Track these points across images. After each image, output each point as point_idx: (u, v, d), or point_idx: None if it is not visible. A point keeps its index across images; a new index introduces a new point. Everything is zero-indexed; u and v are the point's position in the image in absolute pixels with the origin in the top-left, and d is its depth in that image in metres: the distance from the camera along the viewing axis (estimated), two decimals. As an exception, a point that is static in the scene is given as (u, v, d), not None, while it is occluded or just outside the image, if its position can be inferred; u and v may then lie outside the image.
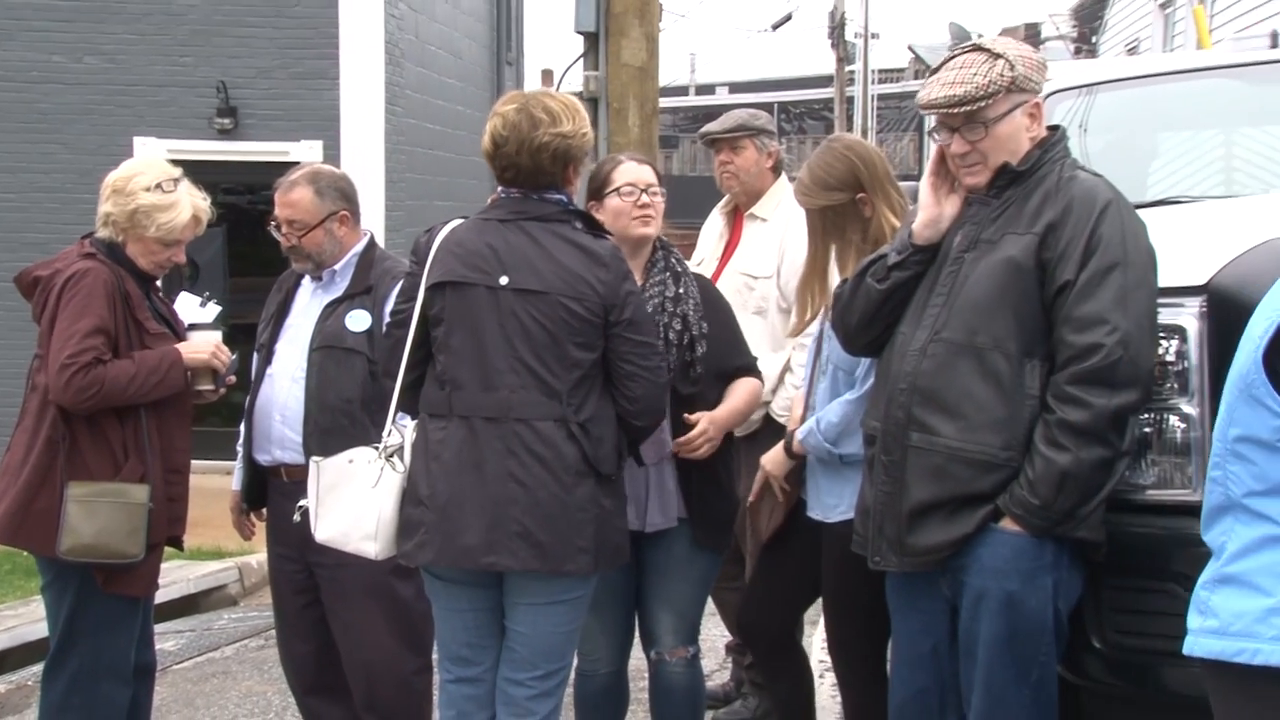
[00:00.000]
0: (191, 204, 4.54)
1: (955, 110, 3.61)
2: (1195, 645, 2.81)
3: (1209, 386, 3.66)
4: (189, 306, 4.87)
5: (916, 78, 25.78)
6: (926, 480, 3.62)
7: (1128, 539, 3.68)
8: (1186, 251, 3.83)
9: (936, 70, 3.72)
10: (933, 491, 3.61)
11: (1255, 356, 2.66)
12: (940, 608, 3.76)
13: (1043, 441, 3.53)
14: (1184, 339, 3.70)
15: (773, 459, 4.52)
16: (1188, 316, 3.70)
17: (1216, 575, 2.79)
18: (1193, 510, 3.65)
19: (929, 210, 3.70)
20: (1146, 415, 3.69)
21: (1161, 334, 3.67)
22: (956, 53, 3.73)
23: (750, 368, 4.71)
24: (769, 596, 4.71)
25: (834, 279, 4.28)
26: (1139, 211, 3.81)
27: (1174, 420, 3.74)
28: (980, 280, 3.62)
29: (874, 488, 3.75)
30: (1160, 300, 3.66)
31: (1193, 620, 2.83)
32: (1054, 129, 3.85)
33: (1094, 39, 25.89)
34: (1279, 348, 2.65)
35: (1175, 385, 3.71)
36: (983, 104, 3.60)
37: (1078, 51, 24.01)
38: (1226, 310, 3.63)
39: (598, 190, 4.63)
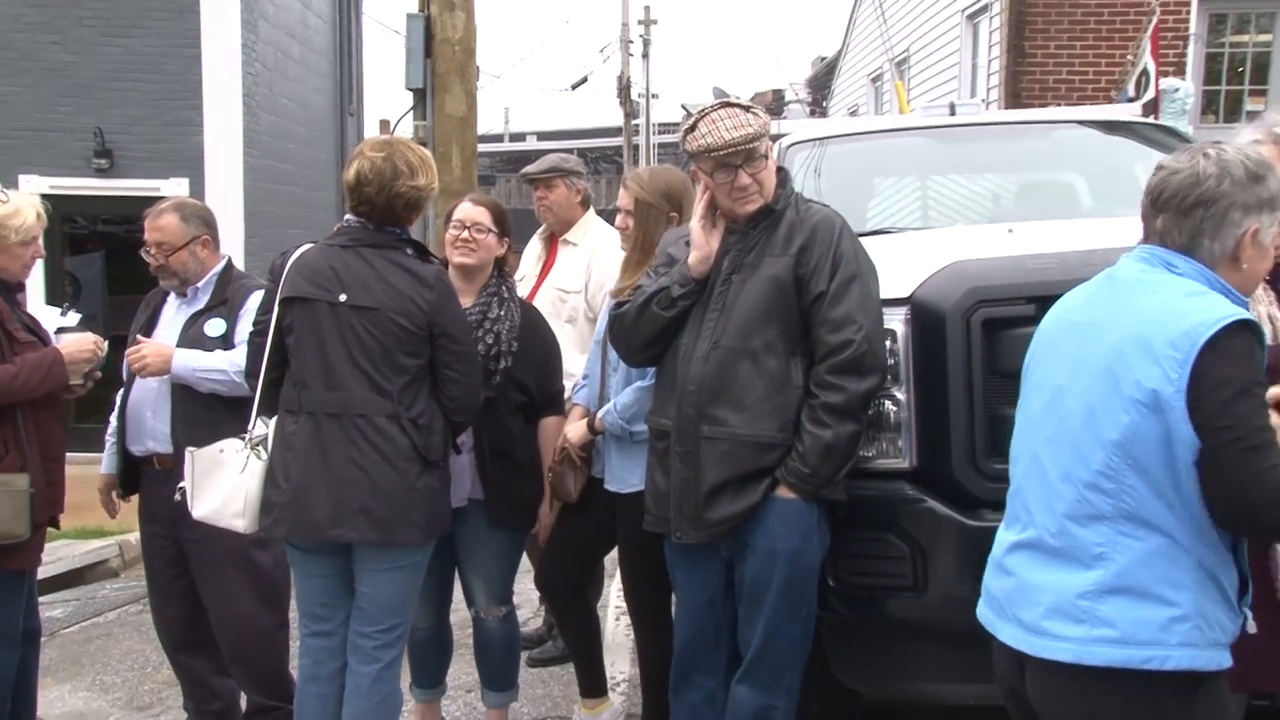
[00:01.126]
0: (30, 204, 4.41)
1: (744, 148, 3.65)
2: (1090, 654, 2.54)
3: (913, 377, 3.80)
4: (51, 316, 4.74)
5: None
6: (719, 464, 3.65)
7: (856, 499, 3.75)
8: (895, 271, 3.91)
9: (697, 124, 3.71)
10: (725, 472, 3.65)
11: (1179, 385, 2.46)
12: (717, 567, 3.81)
13: (809, 421, 3.60)
14: (894, 339, 3.80)
15: (575, 431, 4.51)
16: (897, 322, 3.81)
17: (1103, 586, 2.55)
18: (902, 475, 3.83)
19: (702, 249, 3.72)
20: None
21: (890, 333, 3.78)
22: (712, 109, 3.74)
23: (555, 399, 4.73)
24: (565, 554, 4.73)
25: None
26: (865, 239, 3.91)
27: (889, 404, 3.82)
28: (750, 296, 3.68)
29: (669, 475, 3.77)
30: None
31: (1073, 630, 2.56)
32: (781, 170, 3.93)
33: (825, 103, 26.49)
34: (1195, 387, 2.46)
35: (890, 376, 3.78)
36: (759, 142, 3.68)
37: (812, 113, 24.41)
38: (924, 317, 3.79)
39: (447, 219, 4.66)
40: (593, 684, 4.96)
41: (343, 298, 3.89)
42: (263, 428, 4.01)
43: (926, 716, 5.02)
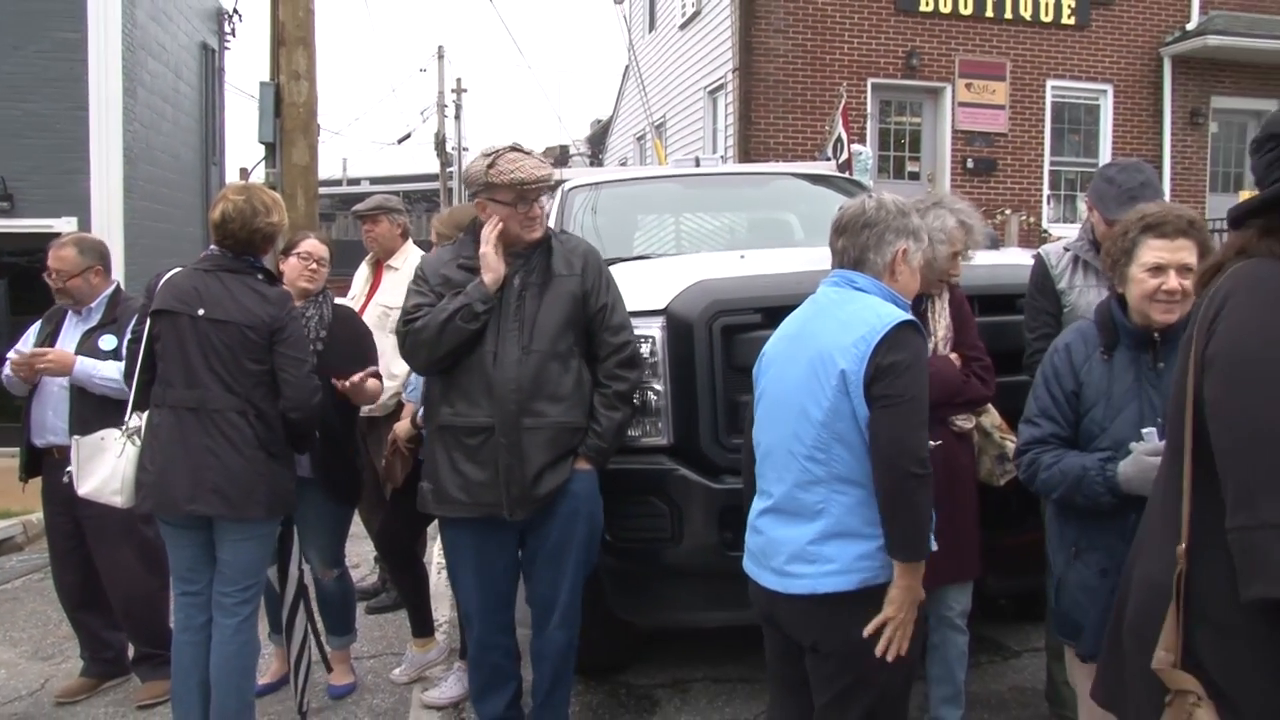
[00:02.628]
0: None
1: (545, 185, 3.56)
2: (822, 585, 2.63)
3: (669, 372, 3.74)
4: None
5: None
6: (543, 448, 3.47)
7: (628, 472, 3.71)
8: (654, 288, 3.87)
9: (495, 161, 3.48)
10: (548, 455, 3.48)
11: (860, 369, 2.59)
12: (514, 540, 3.62)
13: (604, 407, 3.54)
14: (655, 343, 3.75)
15: (402, 427, 4.42)
16: (656, 329, 3.76)
17: (825, 533, 2.64)
18: (662, 450, 3.76)
19: (496, 270, 3.51)
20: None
21: (642, 339, 3.71)
22: (505, 150, 3.54)
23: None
24: (399, 523, 4.58)
25: None
26: (629, 263, 3.87)
27: (651, 394, 3.76)
28: (550, 309, 3.52)
29: (489, 465, 3.48)
30: (639, 318, 3.72)
31: (808, 569, 2.65)
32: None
33: (601, 157, 26.50)
34: (870, 370, 2.59)
35: (652, 372, 3.74)
36: (551, 181, 3.62)
37: (591, 163, 24.48)
38: (676, 324, 3.75)
39: (288, 249, 4.49)
40: (422, 626, 4.86)
41: (201, 312, 3.70)
42: (137, 420, 3.79)
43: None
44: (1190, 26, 14.94)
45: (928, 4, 13.97)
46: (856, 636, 2.64)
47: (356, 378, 4.20)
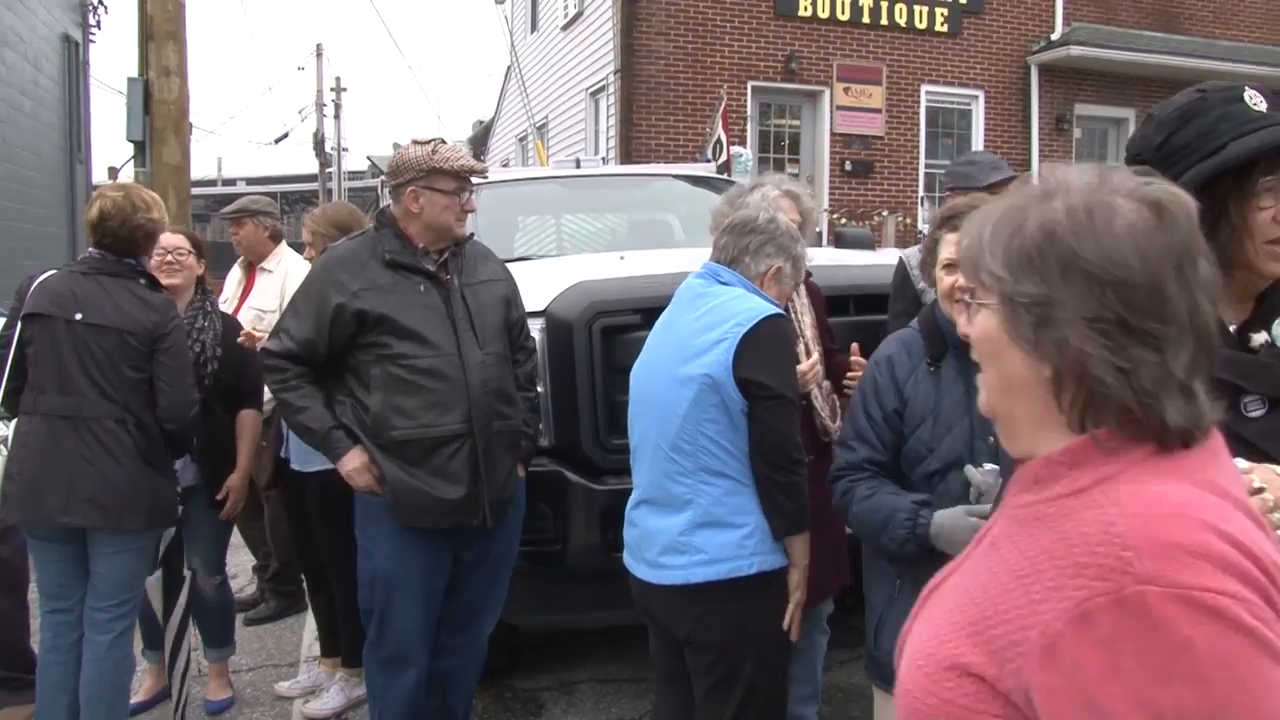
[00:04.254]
0: None
1: (485, 176, 3.56)
2: (693, 575, 2.63)
3: (550, 373, 3.74)
4: None
5: (374, 177, 25.43)
6: (507, 451, 3.41)
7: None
8: (535, 289, 3.86)
9: (436, 149, 3.33)
10: (513, 458, 3.44)
11: (728, 362, 2.59)
12: (451, 552, 3.46)
13: (530, 411, 3.54)
14: (535, 345, 3.73)
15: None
16: (536, 331, 3.75)
17: (694, 523, 2.65)
18: (543, 452, 3.75)
19: (369, 482, 3.34)
20: None
21: (529, 340, 3.68)
22: (438, 140, 3.42)
23: (253, 395, 4.35)
24: (305, 533, 4.44)
25: None
26: (511, 264, 3.87)
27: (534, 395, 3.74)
28: (490, 310, 3.43)
29: (463, 474, 3.29)
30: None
31: (679, 560, 2.66)
32: None
33: (483, 158, 26.29)
34: (739, 364, 2.60)
35: (538, 373, 3.73)
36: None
37: (472, 166, 24.31)
38: (556, 326, 3.75)
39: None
40: (337, 645, 4.61)
41: (79, 316, 3.54)
42: (3, 429, 3.68)
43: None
44: (1055, 37, 15.53)
45: (806, 9, 14.23)
46: (728, 626, 2.67)
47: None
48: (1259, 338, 1.73)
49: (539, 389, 3.73)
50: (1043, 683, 1.00)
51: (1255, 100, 1.72)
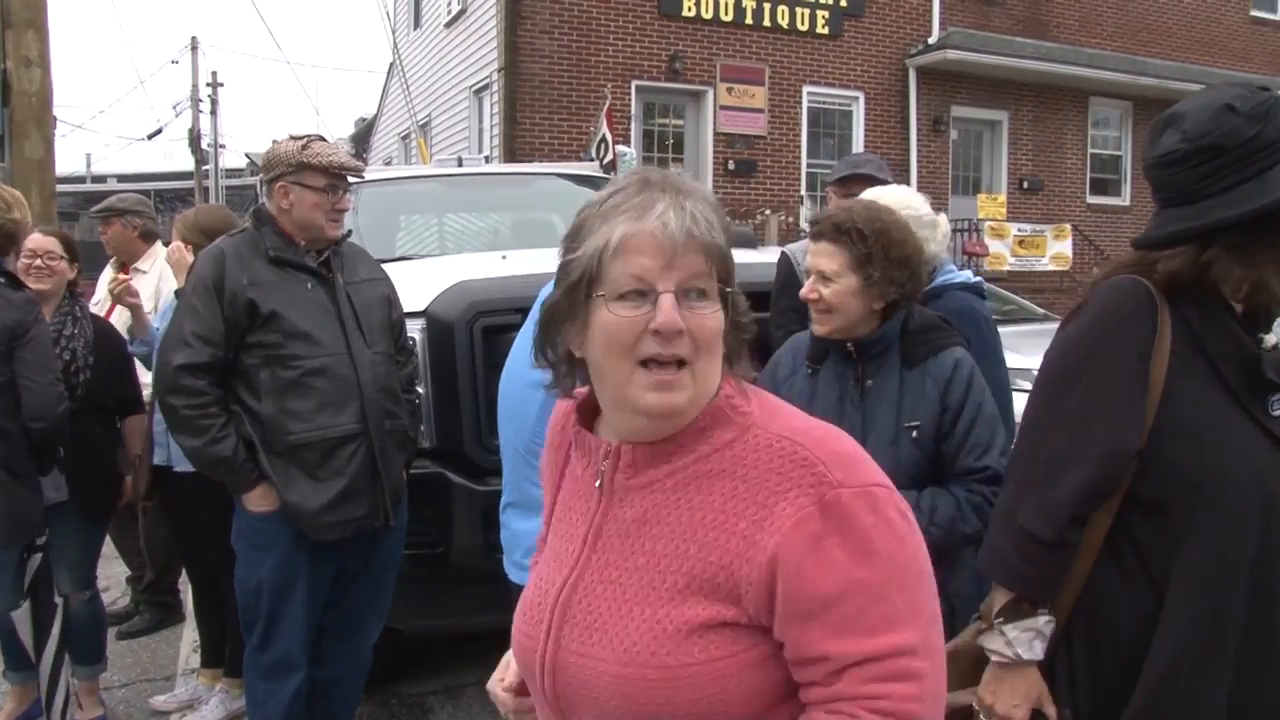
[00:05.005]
0: None
1: (360, 174, 3.44)
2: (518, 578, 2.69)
3: (430, 374, 3.71)
4: None
5: (252, 175, 24.91)
6: (399, 451, 3.35)
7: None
8: (415, 289, 3.82)
9: (310, 144, 3.25)
10: (403, 459, 3.38)
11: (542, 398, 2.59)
12: (334, 561, 3.36)
13: (413, 414, 3.48)
14: (415, 345, 3.68)
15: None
16: (416, 331, 3.71)
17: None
18: (425, 454, 3.72)
19: (269, 504, 3.25)
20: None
21: (408, 340, 3.63)
22: (314, 137, 3.33)
23: (132, 401, 4.22)
24: (191, 541, 4.32)
25: None
26: (392, 263, 3.82)
27: (415, 397, 3.67)
28: (374, 310, 3.35)
29: (361, 476, 3.20)
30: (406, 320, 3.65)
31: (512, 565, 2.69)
32: None
33: (365, 157, 25.90)
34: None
35: (418, 374, 3.67)
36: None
37: (354, 164, 23.93)
38: (437, 326, 3.72)
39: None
40: (220, 656, 4.46)
41: None
42: None
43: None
44: (932, 40, 15.98)
45: (690, 9, 14.36)
46: None
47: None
48: (1270, 339, 1.81)
49: (419, 389, 3.69)
50: (776, 593, 1.18)
51: None
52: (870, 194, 3.13)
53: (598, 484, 1.35)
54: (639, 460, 1.31)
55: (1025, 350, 8.11)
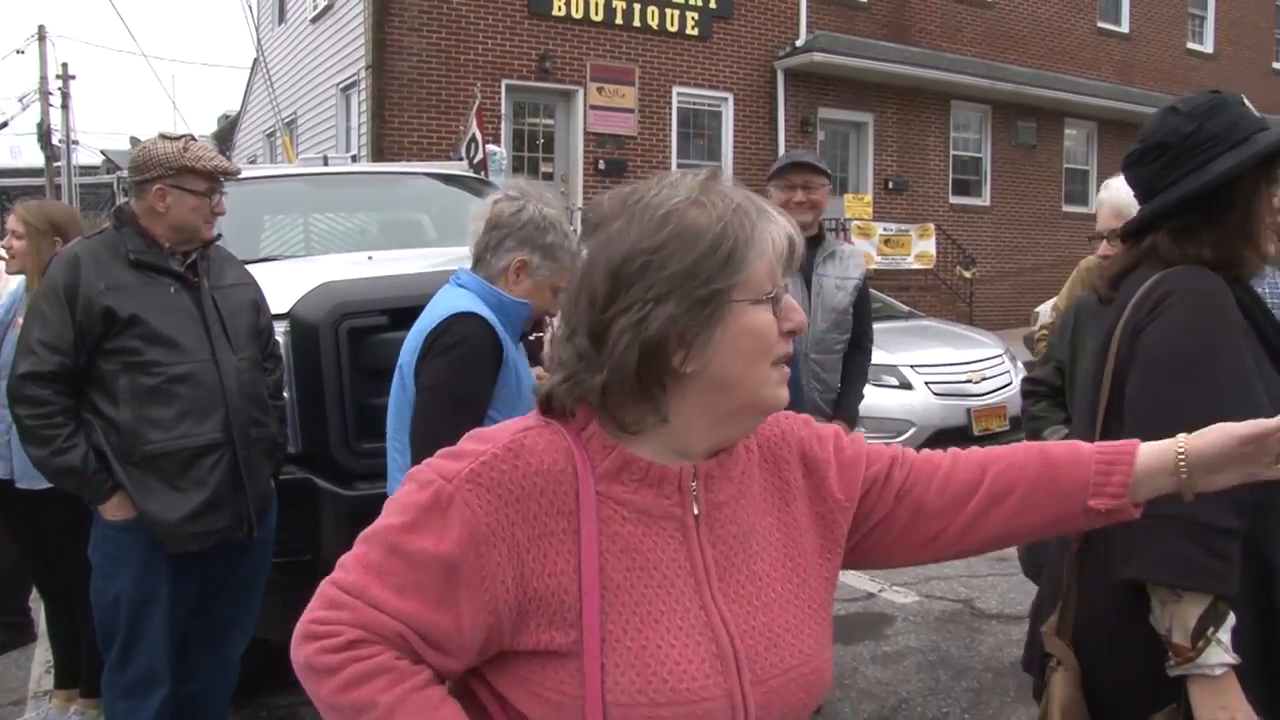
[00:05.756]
0: None
1: (236, 178, 3.36)
2: None
3: (295, 377, 3.65)
4: None
5: (109, 173, 23.95)
6: (267, 460, 3.28)
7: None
8: (278, 291, 3.73)
9: (189, 146, 3.16)
10: (270, 467, 3.30)
11: (415, 360, 2.60)
12: (197, 572, 3.26)
13: (278, 421, 3.40)
14: (279, 349, 3.60)
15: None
16: (281, 334, 3.64)
17: None
18: (290, 459, 3.64)
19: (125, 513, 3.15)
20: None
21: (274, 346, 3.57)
22: (188, 137, 3.23)
23: None
24: (46, 557, 4.14)
25: None
26: (256, 264, 3.73)
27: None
28: (241, 314, 3.27)
29: (224, 486, 3.13)
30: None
31: None
32: None
33: (229, 154, 25.19)
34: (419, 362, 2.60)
35: (284, 376, 3.60)
36: None
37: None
38: (301, 328, 3.66)
39: None
40: (75, 676, 4.29)
41: None
42: None
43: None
44: (799, 43, 16.30)
45: (560, 9, 14.36)
46: None
47: None
48: None
49: (284, 393, 3.62)
50: (856, 496, 1.47)
51: (1250, 107, 1.95)
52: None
53: (696, 513, 1.30)
54: (715, 474, 1.32)
55: (892, 347, 8.39)
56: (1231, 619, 1.71)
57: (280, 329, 3.62)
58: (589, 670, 1.21)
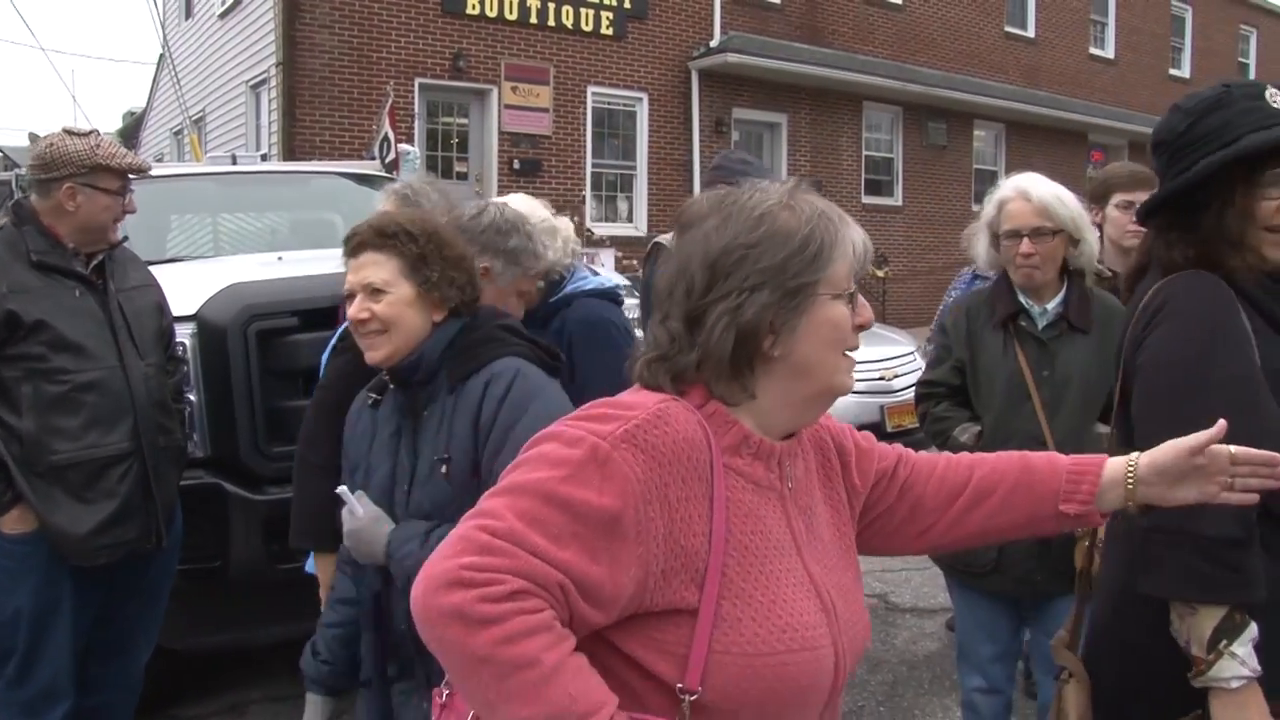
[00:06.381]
0: None
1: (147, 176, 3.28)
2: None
3: (202, 380, 3.59)
4: None
5: (7, 170, 23.29)
6: (174, 469, 3.20)
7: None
8: (184, 293, 3.69)
9: (100, 143, 3.08)
10: (177, 475, 3.23)
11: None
12: (101, 582, 3.16)
13: (181, 426, 3.32)
14: (186, 351, 3.57)
15: None
16: (188, 336, 3.58)
17: None
18: (198, 463, 3.59)
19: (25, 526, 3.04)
20: None
21: (176, 347, 3.49)
22: (94, 132, 3.15)
23: None
24: None
25: None
26: (163, 265, 3.66)
27: (186, 406, 3.54)
28: (146, 318, 3.18)
29: (133, 496, 3.04)
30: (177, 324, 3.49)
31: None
32: None
33: (135, 150, 24.51)
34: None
35: (189, 381, 3.54)
36: None
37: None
38: (208, 331, 3.61)
39: None
40: None
41: None
42: None
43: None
44: (713, 44, 16.40)
45: (474, 7, 14.27)
46: None
47: None
48: None
49: (191, 397, 3.57)
50: (873, 480, 1.67)
51: (1276, 98, 1.87)
52: (502, 200, 2.96)
53: (789, 485, 1.47)
54: (791, 452, 1.48)
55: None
56: (1252, 631, 1.70)
57: (187, 331, 3.57)
58: (718, 625, 1.32)
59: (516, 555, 1.21)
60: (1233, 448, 1.54)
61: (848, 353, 1.45)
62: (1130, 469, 1.59)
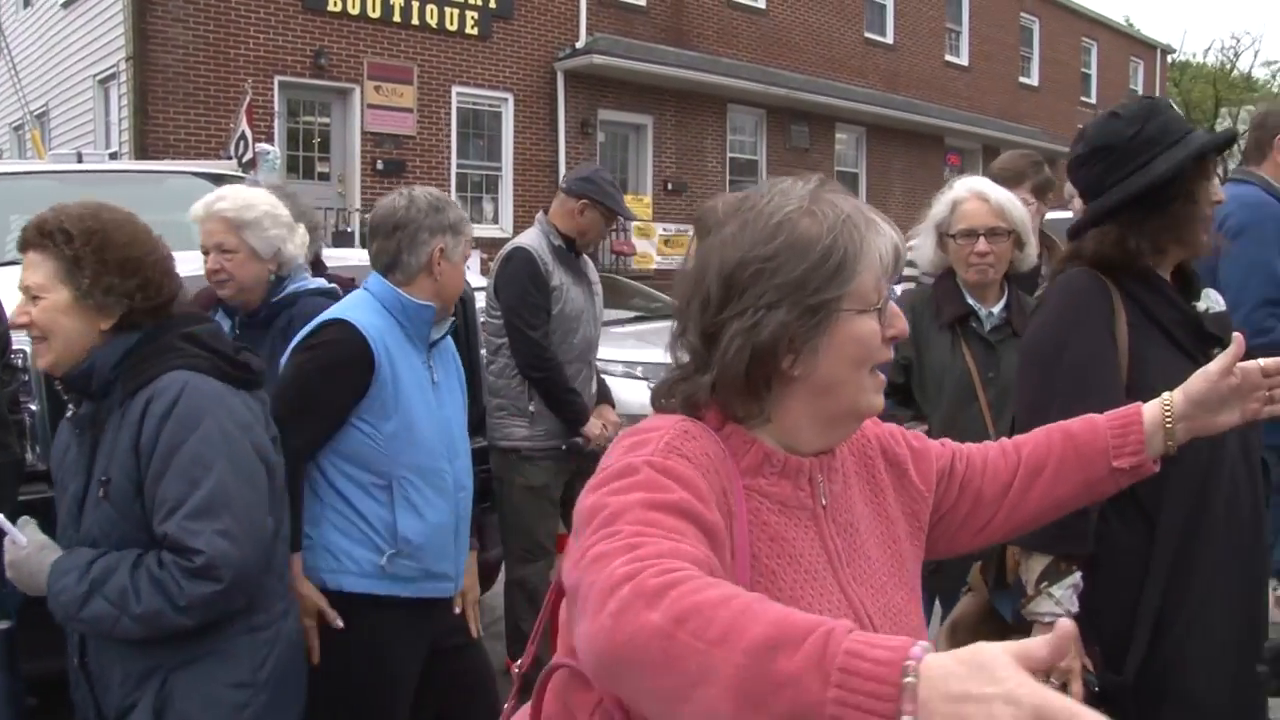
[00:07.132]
0: None
1: None
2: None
3: (43, 390, 3.46)
4: None
5: None
6: (11, 486, 3.00)
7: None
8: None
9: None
10: (15, 491, 3.01)
11: None
12: None
13: (20, 436, 3.21)
14: (26, 358, 3.39)
15: None
16: (26, 343, 3.39)
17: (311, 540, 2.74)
18: (39, 476, 3.43)
19: None
20: None
21: (15, 356, 3.33)
22: None
23: None
24: None
25: None
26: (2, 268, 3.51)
27: (26, 415, 3.45)
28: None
29: None
30: None
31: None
32: None
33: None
34: None
35: (23, 390, 3.43)
36: None
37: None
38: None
39: None
40: None
41: None
42: None
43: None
44: (579, 45, 16.45)
45: (336, 4, 14.02)
46: None
47: None
48: (1200, 305, 2.16)
49: (32, 407, 3.43)
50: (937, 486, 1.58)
51: (1176, 109, 2.20)
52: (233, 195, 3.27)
53: (823, 503, 1.36)
54: (825, 467, 1.38)
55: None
56: (1074, 578, 2.05)
57: (24, 337, 3.42)
58: None
59: (656, 544, 1.08)
60: (1262, 361, 1.58)
61: (876, 370, 1.35)
62: (1167, 409, 1.58)
